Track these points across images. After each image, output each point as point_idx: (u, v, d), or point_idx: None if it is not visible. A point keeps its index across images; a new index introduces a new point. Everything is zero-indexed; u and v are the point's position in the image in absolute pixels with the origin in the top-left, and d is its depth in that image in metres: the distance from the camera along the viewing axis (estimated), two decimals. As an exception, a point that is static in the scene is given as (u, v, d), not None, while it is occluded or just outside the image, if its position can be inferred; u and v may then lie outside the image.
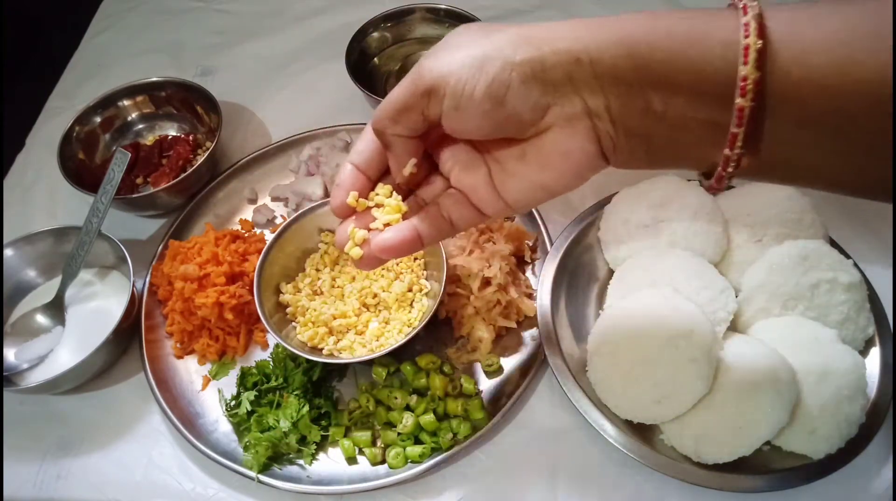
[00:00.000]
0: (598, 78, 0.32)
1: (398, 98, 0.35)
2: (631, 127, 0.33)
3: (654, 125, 0.32)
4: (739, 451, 0.57)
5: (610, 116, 0.33)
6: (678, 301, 0.61)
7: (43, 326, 0.76)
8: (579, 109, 0.33)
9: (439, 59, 0.33)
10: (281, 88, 1.00)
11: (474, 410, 0.66)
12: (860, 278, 0.65)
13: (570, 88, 0.32)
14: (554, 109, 0.33)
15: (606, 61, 0.31)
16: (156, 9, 1.14)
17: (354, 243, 0.38)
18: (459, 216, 0.38)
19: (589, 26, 0.32)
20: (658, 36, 0.30)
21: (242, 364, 0.72)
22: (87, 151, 0.89)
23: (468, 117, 0.34)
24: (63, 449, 0.70)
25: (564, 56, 0.31)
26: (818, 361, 0.59)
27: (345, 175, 0.39)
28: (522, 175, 0.36)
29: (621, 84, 0.31)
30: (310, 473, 0.65)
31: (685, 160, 0.34)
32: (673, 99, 0.31)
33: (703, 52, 0.30)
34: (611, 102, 0.32)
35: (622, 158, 0.35)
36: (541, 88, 0.32)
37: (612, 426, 0.61)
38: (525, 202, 0.37)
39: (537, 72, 0.32)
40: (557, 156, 0.34)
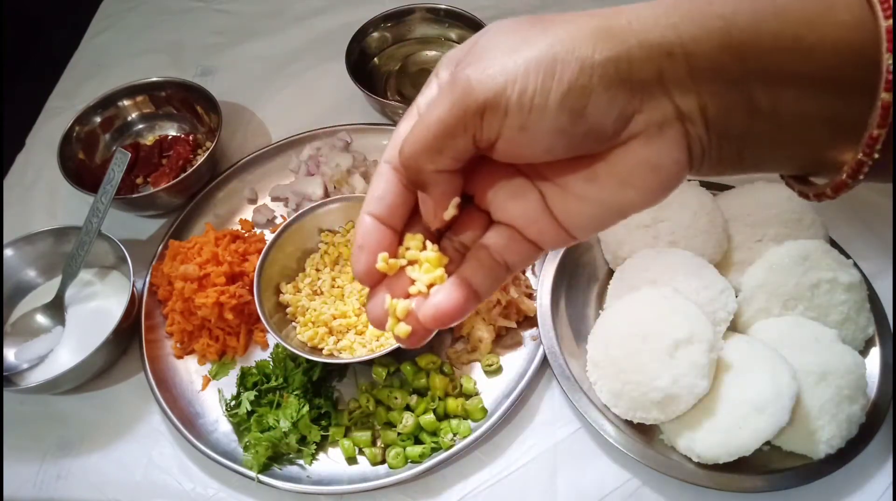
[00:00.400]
0: (693, 74, 0.26)
1: (440, 123, 0.27)
2: (729, 129, 0.27)
3: (758, 125, 0.27)
4: (739, 451, 0.57)
5: (704, 118, 0.27)
6: (678, 301, 0.61)
7: (43, 326, 0.76)
8: (670, 112, 0.27)
9: (488, 65, 0.26)
10: (281, 88, 1.00)
11: (474, 410, 0.66)
12: (860, 278, 0.65)
13: (660, 89, 0.26)
14: (640, 115, 0.27)
15: (705, 53, 0.26)
16: (156, 9, 1.14)
17: (398, 318, 0.30)
18: (516, 257, 0.31)
19: (679, 9, 0.26)
20: (765, 17, 0.25)
21: (242, 364, 0.72)
22: (87, 151, 0.89)
23: (537, 138, 0.27)
24: (63, 449, 0.70)
25: (655, 50, 0.26)
26: (818, 361, 0.59)
27: (366, 232, 0.30)
28: (593, 198, 0.29)
29: (721, 80, 0.26)
30: (310, 473, 0.65)
31: (786, 164, 0.29)
32: (783, 93, 0.26)
33: (824, 35, 0.25)
34: (707, 102, 0.27)
35: (709, 166, 0.29)
36: (628, 91, 0.26)
37: (612, 426, 0.61)
38: (593, 229, 0.30)
39: (623, 72, 0.26)
40: (644, 171, 0.28)
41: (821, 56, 0.25)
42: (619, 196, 0.29)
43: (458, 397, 0.67)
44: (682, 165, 0.28)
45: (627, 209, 0.29)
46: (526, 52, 0.26)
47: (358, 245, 0.30)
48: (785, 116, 0.26)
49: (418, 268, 0.30)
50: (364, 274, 0.30)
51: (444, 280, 0.30)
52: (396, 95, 0.96)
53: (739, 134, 0.27)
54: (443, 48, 0.99)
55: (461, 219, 0.31)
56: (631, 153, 0.28)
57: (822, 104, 0.26)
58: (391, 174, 0.30)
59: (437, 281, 0.30)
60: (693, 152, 0.28)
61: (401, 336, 0.30)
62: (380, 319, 0.31)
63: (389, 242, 0.30)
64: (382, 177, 0.30)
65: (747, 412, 0.57)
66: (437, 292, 0.29)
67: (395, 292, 0.30)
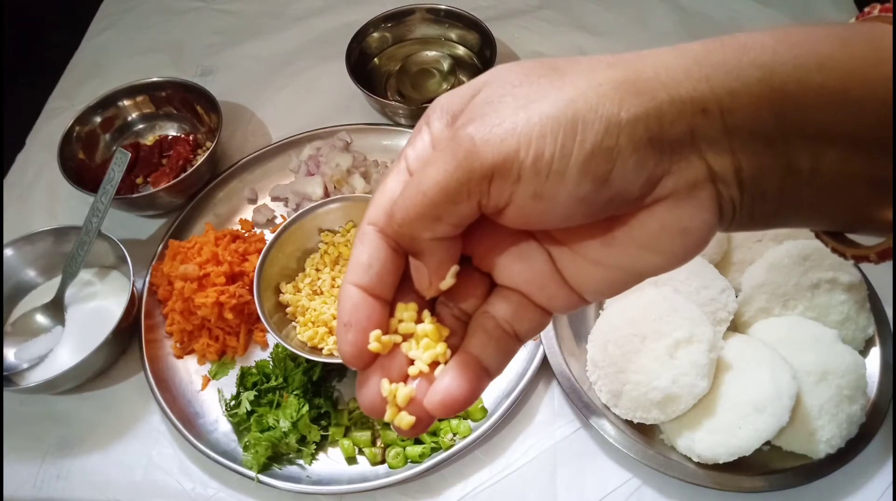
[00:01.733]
0: (729, 132, 0.23)
1: (439, 188, 0.23)
2: (765, 190, 0.24)
3: (796, 186, 0.24)
4: (739, 451, 0.57)
5: (739, 179, 0.24)
6: (678, 301, 0.61)
7: (43, 326, 0.76)
8: (702, 173, 0.24)
9: (496, 122, 0.23)
10: (281, 87, 1.00)
11: (474, 410, 0.66)
12: (860, 277, 0.65)
13: (692, 149, 0.23)
14: (668, 178, 0.23)
15: (742, 110, 0.23)
16: (156, 9, 1.14)
17: (399, 406, 0.26)
18: (526, 325, 0.27)
19: (711, 57, 0.23)
20: (808, 67, 0.22)
21: (242, 364, 0.72)
22: (88, 150, 0.89)
23: (554, 207, 0.23)
24: (63, 449, 0.70)
25: (688, 106, 0.23)
26: (818, 361, 0.59)
27: (352, 308, 0.26)
28: (610, 262, 0.26)
29: (760, 138, 0.23)
30: (309, 473, 0.65)
31: (824, 222, 0.27)
32: (827, 152, 0.23)
33: (873, 89, 0.22)
34: (742, 162, 0.24)
35: (738, 225, 0.26)
36: (658, 153, 0.23)
37: (612, 426, 0.61)
38: (608, 294, 0.27)
39: (653, 132, 0.23)
40: (669, 235, 0.25)
41: (869, 112, 0.23)
42: (639, 261, 0.25)
43: (458, 397, 0.67)
44: (711, 227, 0.25)
45: (647, 274, 0.26)
46: (540, 108, 0.23)
47: (344, 323, 0.26)
48: (827, 176, 0.24)
49: (416, 344, 0.26)
50: (354, 356, 0.26)
51: (447, 357, 0.26)
52: (396, 95, 0.96)
53: (775, 194, 0.25)
54: (443, 48, 0.99)
55: (460, 283, 0.27)
56: (656, 217, 0.24)
57: (869, 163, 0.24)
58: (377, 239, 0.26)
59: (440, 358, 0.26)
60: (724, 214, 0.25)
61: (402, 427, 0.26)
62: (376, 408, 0.26)
63: (380, 316, 0.26)
64: (367, 241, 0.26)
65: (747, 412, 0.57)
66: (443, 374, 0.26)
67: (391, 374, 0.26)
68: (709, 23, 1.00)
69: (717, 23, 1.00)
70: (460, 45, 0.98)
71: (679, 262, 0.26)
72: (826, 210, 0.25)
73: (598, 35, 1.01)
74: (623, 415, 0.61)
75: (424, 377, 0.26)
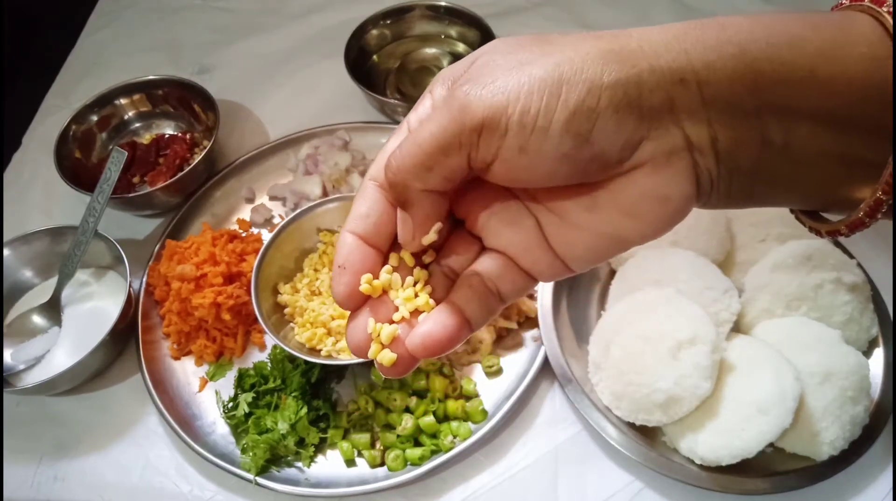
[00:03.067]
0: (706, 103, 0.25)
1: (433, 138, 0.25)
2: (739, 163, 0.26)
3: (770, 160, 0.26)
4: (742, 453, 0.56)
5: (715, 149, 0.26)
6: (681, 302, 0.60)
7: (39, 326, 0.76)
8: (679, 142, 0.25)
9: (489, 82, 0.25)
10: (279, 86, 0.99)
11: (474, 412, 0.65)
12: (864, 278, 0.64)
13: (670, 117, 0.25)
14: (647, 143, 0.25)
15: (719, 81, 0.24)
16: (153, 7, 1.14)
17: (382, 344, 0.28)
18: (509, 286, 0.29)
19: (690, 34, 0.25)
20: (780, 46, 0.24)
21: (240, 366, 0.72)
22: (84, 150, 0.88)
23: (538, 162, 0.25)
24: (60, 451, 0.70)
25: (667, 75, 0.24)
26: (822, 362, 0.58)
27: (348, 252, 0.28)
28: (592, 228, 0.27)
29: (734, 110, 0.25)
30: (308, 475, 0.65)
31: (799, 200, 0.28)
32: (798, 127, 0.25)
33: (842, 69, 0.24)
34: (718, 133, 0.25)
35: (717, 199, 0.27)
36: (637, 117, 0.25)
37: (614, 428, 0.60)
38: (592, 261, 0.29)
39: (633, 97, 0.24)
40: (649, 202, 0.26)
41: (837, 91, 0.24)
42: (621, 227, 0.27)
43: (458, 398, 0.66)
44: (690, 197, 0.27)
45: (628, 242, 0.28)
46: (530, 70, 0.25)
47: (339, 265, 0.28)
48: (799, 151, 0.25)
49: (404, 293, 0.28)
50: (345, 296, 0.28)
51: (431, 306, 0.28)
52: (396, 92, 0.95)
53: (750, 168, 0.26)
54: (442, 45, 0.98)
55: (451, 243, 0.30)
56: (636, 183, 0.26)
57: (838, 141, 0.25)
58: (376, 192, 0.28)
59: (424, 307, 0.28)
60: (701, 185, 0.26)
61: (384, 364, 0.28)
62: (361, 344, 0.28)
63: (373, 262, 0.28)
64: (367, 194, 0.29)
65: (750, 414, 0.56)
66: (426, 318, 0.28)
67: (378, 317, 0.28)
68: (711, 20, 0.99)
69: (719, 20, 0.99)
70: (460, 43, 0.98)
71: (660, 230, 0.27)
72: (800, 187, 0.27)
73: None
74: (625, 417, 0.61)
75: (408, 323, 0.28)
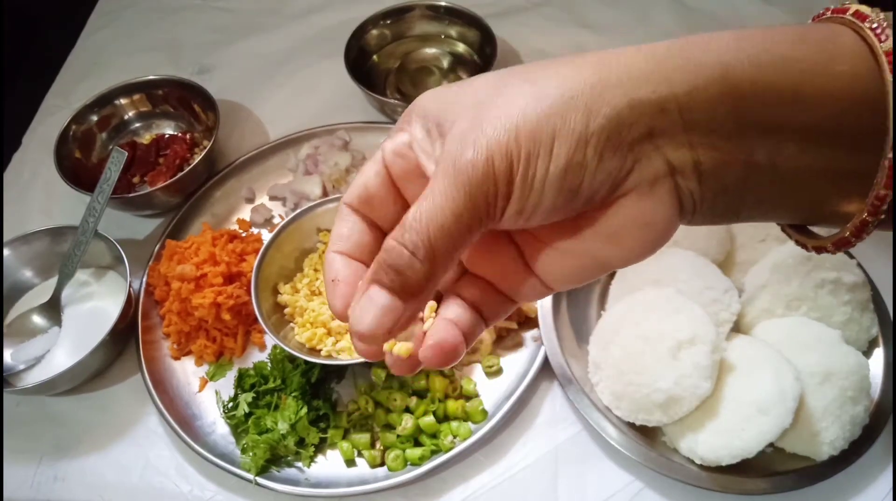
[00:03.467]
0: (687, 128, 0.24)
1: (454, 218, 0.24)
2: (725, 183, 0.25)
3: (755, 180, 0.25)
4: (742, 453, 0.56)
5: (698, 172, 0.25)
6: (681, 302, 0.60)
7: (39, 326, 0.76)
8: (661, 168, 0.25)
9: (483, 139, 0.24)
10: (279, 86, 0.99)
11: (474, 412, 0.65)
12: (864, 278, 0.64)
13: (651, 146, 0.25)
14: (631, 175, 0.25)
15: (700, 107, 0.24)
16: (153, 7, 1.13)
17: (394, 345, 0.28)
18: (490, 309, 0.29)
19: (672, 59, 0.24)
20: (763, 66, 0.24)
21: (240, 366, 0.72)
22: (84, 150, 0.88)
23: (531, 219, 0.25)
24: (60, 451, 0.70)
25: (646, 107, 0.24)
26: (822, 362, 0.58)
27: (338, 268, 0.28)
28: (576, 253, 0.27)
29: (718, 133, 0.24)
30: (308, 475, 0.65)
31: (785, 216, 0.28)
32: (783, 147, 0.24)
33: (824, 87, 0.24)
34: (701, 156, 0.25)
35: (700, 218, 0.27)
36: (620, 156, 0.24)
37: (614, 428, 0.60)
38: (573, 283, 0.29)
39: (614, 137, 0.24)
40: (632, 229, 0.26)
41: (822, 108, 0.24)
42: (604, 253, 0.27)
43: (458, 398, 0.66)
44: (672, 222, 0.26)
45: (611, 265, 0.28)
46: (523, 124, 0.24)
47: (331, 280, 0.28)
48: (784, 170, 0.25)
49: None
50: (346, 307, 0.28)
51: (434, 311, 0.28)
52: (396, 92, 0.95)
53: (736, 188, 0.26)
54: (442, 45, 0.98)
55: None
56: (619, 212, 0.26)
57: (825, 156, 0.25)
58: (352, 215, 0.29)
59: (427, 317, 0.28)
60: (684, 206, 0.26)
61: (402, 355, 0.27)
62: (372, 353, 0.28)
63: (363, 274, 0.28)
64: (344, 218, 0.29)
65: (750, 414, 0.56)
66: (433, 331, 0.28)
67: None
68: (711, 20, 0.99)
69: (720, 20, 0.99)
70: (460, 42, 0.98)
71: (643, 254, 0.27)
72: (787, 204, 0.27)
73: (599, 32, 1.00)
74: (625, 417, 0.61)
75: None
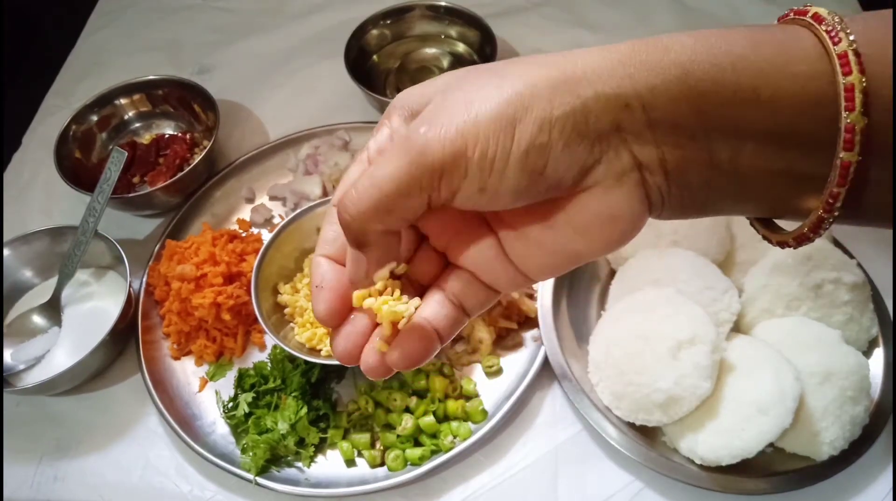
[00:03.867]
0: (651, 126, 0.26)
1: (395, 182, 0.25)
2: (689, 180, 0.27)
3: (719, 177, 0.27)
4: (742, 453, 0.56)
5: (664, 169, 0.26)
6: (681, 302, 0.60)
7: (39, 326, 0.76)
8: (628, 163, 0.26)
9: (446, 121, 0.25)
10: (279, 86, 0.99)
11: (474, 412, 0.65)
12: (864, 278, 0.64)
13: (618, 140, 0.26)
14: (599, 166, 0.26)
15: (663, 106, 0.25)
16: (153, 7, 1.13)
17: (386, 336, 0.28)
18: (473, 301, 0.30)
19: (635, 57, 0.25)
20: (723, 67, 0.25)
21: (240, 366, 0.72)
22: (84, 150, 0.88)
23: (496, 198, 0.26)
24: (60, 451, 0.70)
25: (612, 101, 0.25)
26: (822, 362, 0.58)
27: (323, 272, 0.30)
28: (549, 244, 0.29)
29: (680, 132, 0.26)
30: (308, 475, 0.65)
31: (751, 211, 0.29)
32: (743, 146, 0.26)
33: (781, 87, 0.24)
34: (666, 154, 0.26)
35: (669, 212, 0.28)
36: (586, 145, 0.25)
37: (614, 428, 0.60)
38: (550, 274, 0.30)
39: (580, 126, 0.25)
40: (601, 222, 0.27)
41: (780, 109, 0.25)
42: (575, 245, 0.28)
43: (458, 398, 0.66)
44: (640, 216, 0.28)
45: (583, 257, 0.29)
46: (483, 105, 0.25)
47: (316, 285, 0.29)
48: (745, 170, 0.26)
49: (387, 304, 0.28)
50: (327, 313, 0.29)
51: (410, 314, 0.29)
52: (396, 92, 0.95)
53: (700, 184, 0.27)
54: (442, 45, 0.98)
55: (418, 259, 0.31)
56: (588, 204, 0.27)
57: (783, 157, 0.26)
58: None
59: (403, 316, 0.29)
60: (653, 201, 0.27)
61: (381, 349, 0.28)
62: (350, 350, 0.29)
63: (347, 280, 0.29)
64: (333, 222, 0.30)
65: (750, 414, 0.56)
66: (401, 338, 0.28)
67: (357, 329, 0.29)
68: (711, 20, 0.99)
69: (720, 20, 0.99)
70: (460, 42, 0.98)
71: (612, 247, 0.28)
72: (751, 200, 0.28)
73: (599, 32, 1.00)
74: (625, 417, 0.61)
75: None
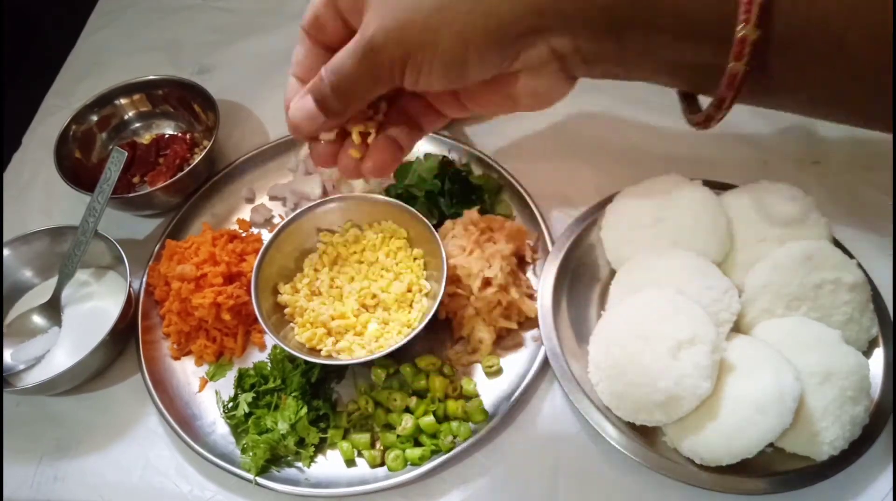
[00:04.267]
0: (566, 23, 0.30)
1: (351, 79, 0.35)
2: (606, 62, 0.32)
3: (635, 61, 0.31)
4: (742, 453, 0.56)
5: (581, 55, 0.32)
6: (681, 302, 0.60)
7: (39, 326, 0.76)
8: (545, 53, 0.32)
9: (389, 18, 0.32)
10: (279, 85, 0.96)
11: (474, 412, 0.65)
12: (864, 278, 0.64)
13: (536, 37, 0.31)
14: (522, 55, 0.32)
15: (575, 7, 0.30)
16: (153, 6, 1.14)
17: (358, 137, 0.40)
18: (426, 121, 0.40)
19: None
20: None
21: (240, 366, 0.72)
22: (84, 150, 0.88)
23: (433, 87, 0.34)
24: (60, 451, 0.70)
25: (526, 7, 0.30)
26: (822, 362, 0.58)
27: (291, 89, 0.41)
28: (490, 99, 0.37)
29: (592, 27, 0.30)
30: (308, 475, 0.65)
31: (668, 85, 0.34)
32: (653, 40, 0.30)
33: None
34: (581, 45, 0.31)
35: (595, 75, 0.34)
36: (501, 49, 0.32)
37: (614, 428, 0.60)
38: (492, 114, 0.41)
39: (493, 35, 0.31)
40: (527, 96, 0.35)
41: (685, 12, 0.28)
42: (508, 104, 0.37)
43: (458, 399, 0.66)
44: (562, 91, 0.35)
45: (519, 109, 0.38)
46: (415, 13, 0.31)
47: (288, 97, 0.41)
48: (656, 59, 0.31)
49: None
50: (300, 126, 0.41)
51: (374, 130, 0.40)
52: (395, 93, 0.95)
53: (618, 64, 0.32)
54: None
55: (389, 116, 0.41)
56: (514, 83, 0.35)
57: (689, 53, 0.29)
58: (307, 41, 0.40)
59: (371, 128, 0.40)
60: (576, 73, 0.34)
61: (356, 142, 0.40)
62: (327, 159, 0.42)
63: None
64: (301, 43, 0.40)
65: (750, 414, 0.56)
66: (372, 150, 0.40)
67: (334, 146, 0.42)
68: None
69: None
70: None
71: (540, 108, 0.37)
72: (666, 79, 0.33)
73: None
74: (625, 417, 0.61)
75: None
